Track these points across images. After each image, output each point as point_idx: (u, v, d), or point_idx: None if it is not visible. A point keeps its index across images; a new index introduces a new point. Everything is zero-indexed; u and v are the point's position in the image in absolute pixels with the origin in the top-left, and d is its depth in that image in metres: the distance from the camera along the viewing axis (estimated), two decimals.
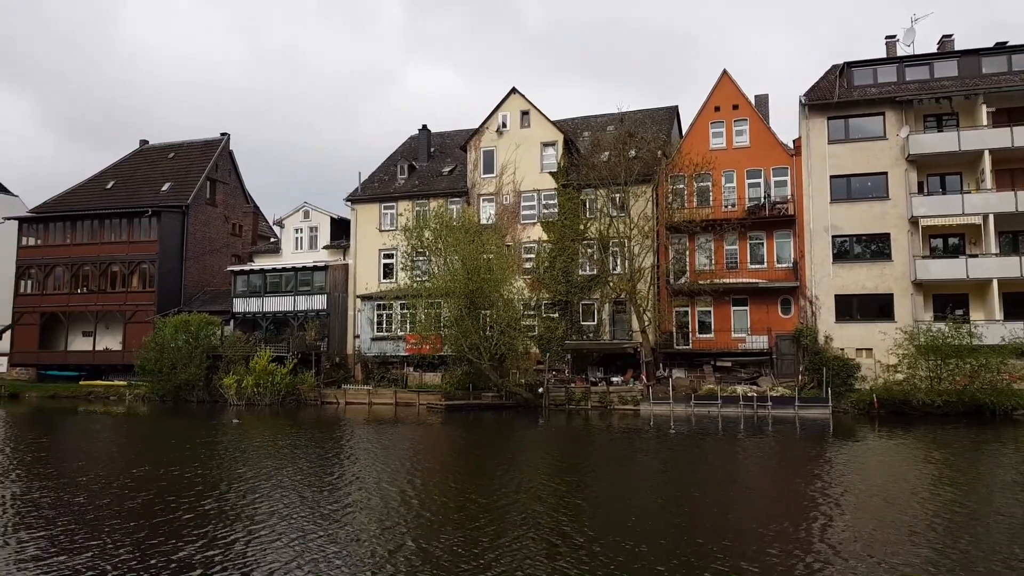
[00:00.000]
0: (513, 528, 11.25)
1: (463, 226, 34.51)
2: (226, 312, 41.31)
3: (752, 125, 35.54)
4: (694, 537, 10.80)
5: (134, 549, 10.02)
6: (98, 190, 47.56)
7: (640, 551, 9.95)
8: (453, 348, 33.51)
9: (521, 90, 39.30)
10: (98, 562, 9.43)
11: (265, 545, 10.26)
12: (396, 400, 35.15)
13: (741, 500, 14.18)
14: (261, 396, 35.72)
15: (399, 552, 9.93)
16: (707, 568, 9.15)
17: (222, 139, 49.31)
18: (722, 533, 11.08)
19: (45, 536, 10.74)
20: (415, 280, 35.47)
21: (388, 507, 12.83)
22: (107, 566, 9.28)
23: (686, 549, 10.07)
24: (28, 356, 45.00)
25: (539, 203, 38.25)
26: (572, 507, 12.88)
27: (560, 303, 36.26)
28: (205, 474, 16.26)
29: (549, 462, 19.09)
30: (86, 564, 9.36)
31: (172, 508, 12.61)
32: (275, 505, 12.84)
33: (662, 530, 11.23)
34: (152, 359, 37.64)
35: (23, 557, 9.72)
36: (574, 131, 40.98)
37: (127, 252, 44.08)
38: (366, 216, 41.57)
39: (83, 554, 9.79)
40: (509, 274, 34.09)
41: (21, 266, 45.98)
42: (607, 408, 32.10)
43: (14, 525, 11.40)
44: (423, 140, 44.05)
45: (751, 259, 34.84)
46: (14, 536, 10.80)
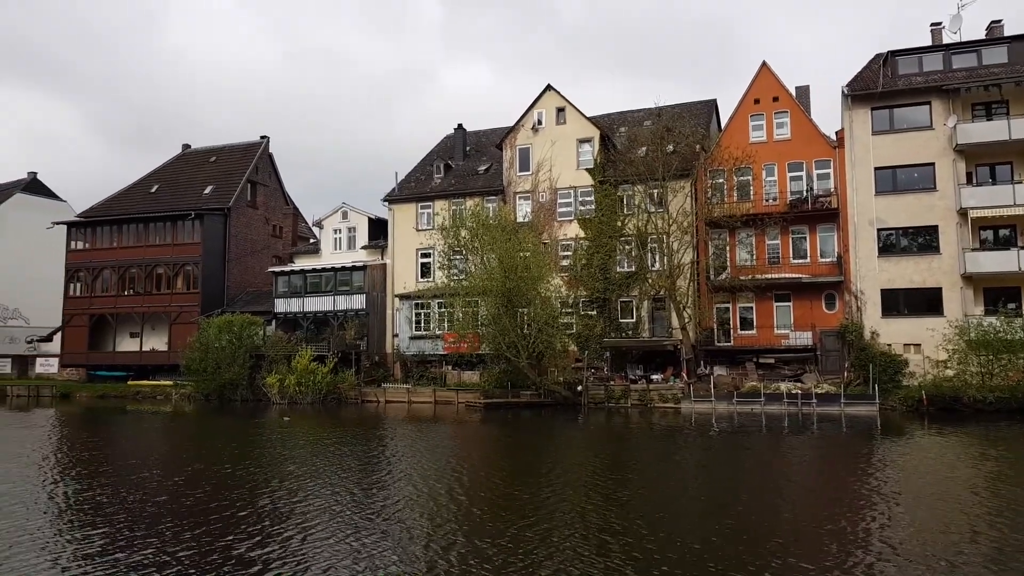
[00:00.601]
0: (562, 526, 11.21)
1: (499, 224, 34.51)
2: (268, 312, 41.91)
3: (793, 117, 34.97)
4: (746, 536, 10.63)
5: (193, 546, 10.19)
6: (143, 194, 48.62)
7: (692, 548, 9.86)
8: (491, 346, 33.55)
9: (556, 87, 39.23)
10: (160, 558, 9.61)
11: (320, 542, 10.37)
12: (435, 398, 35.33)
13: (791, 498, 13.95)
14: (303, 395, 36.20)
15: (451, 549, 9.95)
16: (766, 568, 9.00)
17: (262, 142, 50.05)
18: (775, 532, 10.92)
19: (107, 533, 10.97)
20: (452, 279, 35.58)
21: (437, 504, 12.88)
22: (169, 562, 9.45)
23: (739, 548, 9.91)
24: (78, 357, 46.18)
25: (576, 200, 38.12)
26: (618, 505, 12.79)
27: (598, 300, 36.08)
28: (257, 472, 16.51)
29: (591, 460, 19.00)
30: (148, 560, 9.54)
31: (227, 505, 12.82)
32: (327, 502, 12.99)
33: (712, 529, 11.08)
34: (197, 359, 38.36)
35: (88, 552, 9.93)
36: (610, 127, 40.75)
37: (172, 254, 45.00)
38: (403, 216, 41.84)
39: (144, 550, 9.98)
40: (546, 272, 34.01)
41: (70, 269, 47.20)
42: (647, 406, 31.86)
43: (77, 522, 11.66)
44: (459, 139, 44.19)
45: (794, 254, 34.28)
46: (78, 532, 11.04)
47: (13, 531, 11.00)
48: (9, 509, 12.55)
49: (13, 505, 12.92)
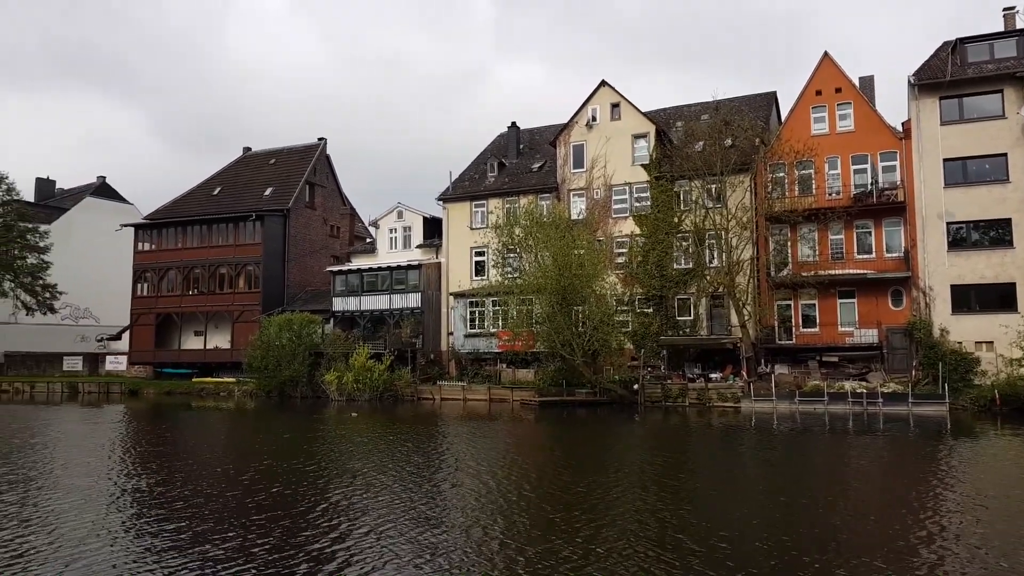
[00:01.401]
0: (633, 525, 11.10)
1: (553, 222, 34.38)
2: (326, 311, 42.64)
3: (856, 108, 33.93)
4: (811, 540, 10.33)
5: (270, 540, 10.36)
6: (206, 196, 50.01)
7: (765, 551, 9.63)
8: (545, 344, 33.44)
9: (611, 82, 38.86)
10: (239, 553, 9.81)
11: (396, 537, 10.46)
12: (490, 396, 35.43)
13: (858, 500, 13.53)
14: (360, 392, 36.69)
15: (527, 547, 9.92)
16: (836, 571, 8.70)
17: (319, 144, 50.97)
18: (843, 536, 10.57)
19: (186, 527, 11.24)
20: (506, 277, 35.60)
21: (506, 501, 12.90)
22: (247, 556, 9.65)
23: (803, 554, 9.60)
24: (145, 355, 47.77)
25: (631, 196, 37.72)
26: (677, 506, 12.61)
27: (654, 298, 35.65)
28: (326, 467, 16.78)
29: (652, 459, 18.79)
30: (225, 555, 9.76)
31: (301, 500, 13.02)
32: (397, 497, 13.14)
33: (774, 531, 10.82)
34: (258, 357, 39.25)
35: (168, 547, 10.20)
36: (666, 122, 40.22)
37: (234, 255, 46.18)
38: (457, 215, 42.07)
39: (222, 545, 10.22)
40: (601, 269, 33.76)
41: (137, 270, 48.85)
42: (706, 405, 31.34)
43: (156, 517, 11.96)
44: (512, 137, 44.21)
45: (858, 249, 33.28)
46: (158, 527, 11.33)
47: (95, 524, 11.37)
48: (91, 502, 13.01)
49: (95, 499, 13.40)
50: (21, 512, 12.06)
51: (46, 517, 11.69)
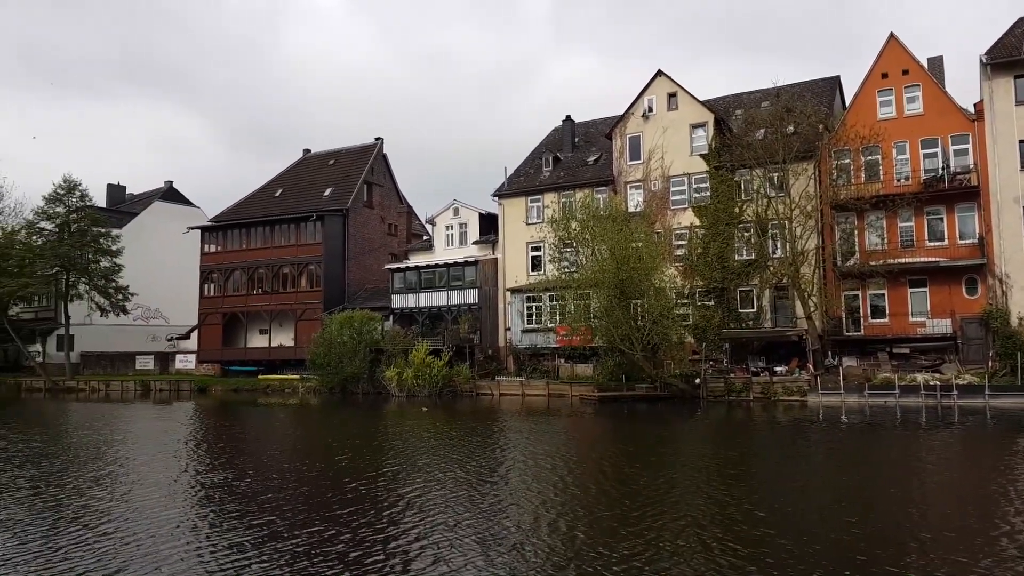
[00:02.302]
0: (688, 521, 10.87)
1: (610, 215, 34.05)
2: (385, 308, 43.17)
3: (925, 90, 32.61)
4: (883, 537, 9.91)
5: (348, 534, 10.45)
6: (268, 198, 51.22)
7: (836, 549, 9.29)
8: (604, 339, 33.14)
9: (667, 72, 38.27)
10: (321, 547, 9.91)
11: (464, 532, 10.46)
12: (548, 391, 35.33)
13: (933, 495, 13.00)
14: (420, 388, 37.02)
15: (596, 544, 9.84)
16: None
17: (376, 143, 51.66)
18: (919, 532, 10.12)
19: (268, 522, 11.36)
20: (563, 272, 35.41)
21: (568, 497, 12.82)
22: (328, 550, 9.76)
23: (876, 551, 9.21)
24: (213, 353, 49.21)
25: (690, 187, 37.10)
26: (744, 502, 12.26)
27: (715, 290, 35.01)
28: (397, 462, 16.87)
29: (713, 454, 18.42)
30: (308, 549, 9.88)
31: (375, 495, 13.12)
32: (468, 492, 13.18)
33: (845, 527, 10.41)
34: (321, 354, 39.97)
35: (251, 540, 10.36)
36: (725, 110, 39.40)
37: (296, 255, 47.18)
38: (513, 210, 42.05)
39: (308, 539, 10.34)
40: (660, 262, 33.26)
41: (204, 271, 50.38)
42: (770, 399, 30.59)
43: (239, 512, 12.13)
44: (567, 131, 43.96)
45: (929, 236, 32.02)
46: (238, 522, 11.51)
47: (182, 518, 11.71)
48: (175, 498, 13.42)
49: (179, 494, 13.83)
50: (112, 507, 12.39)
51: (136, 511, 11.99)
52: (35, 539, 10.28)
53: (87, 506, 12.46)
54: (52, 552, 9.61)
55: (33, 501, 12.97)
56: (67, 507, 12.36)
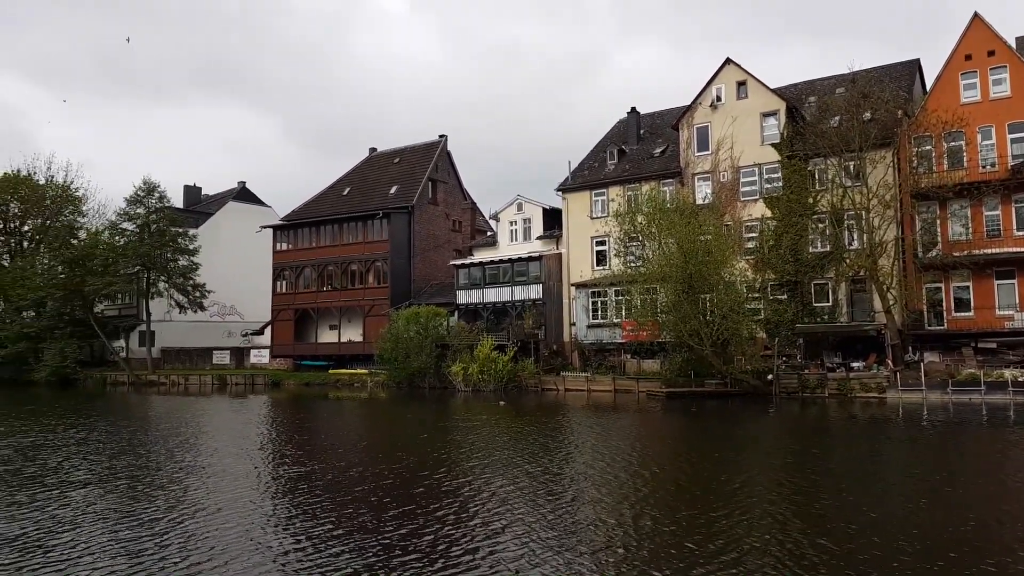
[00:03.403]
0: (762, 520, 10.55)
1: (677, 208, 33.40)
2: (450, 304, 43.51)
3: (1013, 72, 30.90)
4: (964, 540, 9.38)
5: (434, 528, 10.54)
6: (336, 196, 52.26)
7: (904, 548, 8.84)
8: (672, 334, 32.55)
9: (736, 60, 37.37)
10: (407, 539, 10.05)
11: (539, 528, 10.42)
12: (615, 387, 34.98)
13: (1020, 497, 12.19)
14: (485, 383, 37.18)
15: (662, 541, 9.70)
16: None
17: (440, 141, 52.07)
18: (1005, 536, 9.50)
19: (355, 514, 11.56)
20: (629, 266, 34.93)
21: (640, 494, 12.65)
22: (416, 543, 9.89)
23: (953, 554, 8.70)
24: (286, 348, 50.54)
25: (760, 178, 36.10)
26: (819, 502, 11.89)
27: (788, 284, 34.03)
28: (478, 458, 16.89)
29: (785, 453, 17.88)
30: (395, 540, 10.03)
31: (457, 489, 13.19)
32: (549, 489, 13.09)
33: (926, 530, 9.94)
34: (388, 349, 40.58)
35: (340, 532, 10.54)
36: (797, 97, 38.17)
37: (363, 252, 48.02)
38: (577, 204, 41.75)
39: (391, 530, 10.50)
40: (730, 255, 32.45)
41: (276, 268, 51.77)
42: (847, 396, 29.54)
43: (325, 504, 12.31)
44: (632, 123, 43.37)
45: (1017, 225, 30.40)
46: (328, 514, 11.71)
47: (265, 511, 12.03)
48: (261, 489, 13.82)
49: (265, 486, 14.26)
50: (205, 498, 12.73)
51: (230, 503, 12.30)
52: (138, 528, 10.64)
53: (184, 498, 12.80)
54: (156, 541, 9.94)
55: (133, 492, 13.42)
56: (164, 498, 12.76)
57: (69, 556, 9.25)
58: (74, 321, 53.18)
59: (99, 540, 9.96)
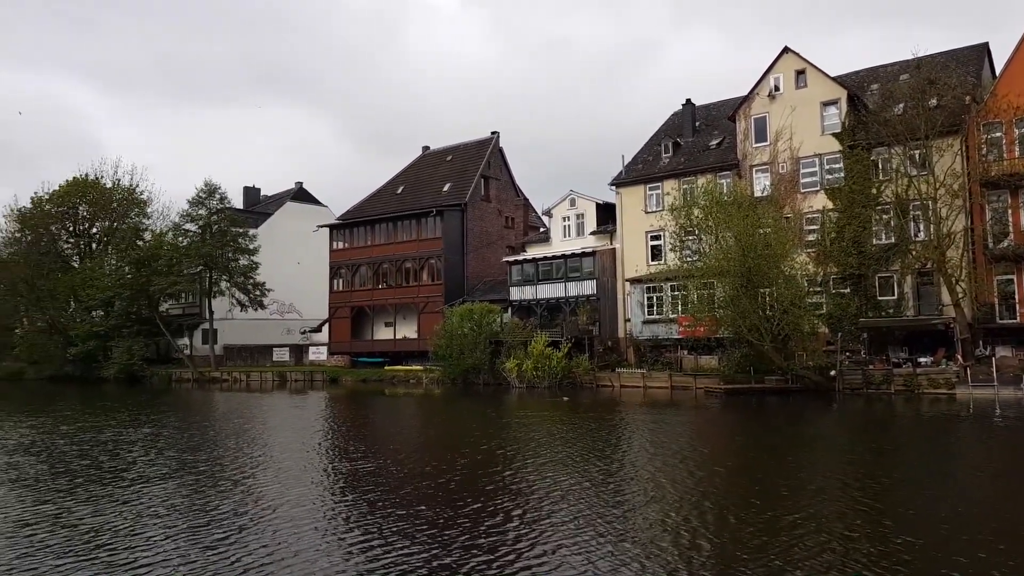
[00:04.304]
0: (826, 522, 10.27)
1: (735, 201, 32.74)
2: (504, 300, 43.59)
3: None
4: None
5: (498, 523, 10.61)
6: (390, 195, 52.89)
7: (979, 555, 8.42)
8: (730, 330, 31.95)
9: (794, 48, 36.43)
10: (480, 540, 10.10)
11: (602, 528, 10.35)
12: (671, 384, 34.52)
13: None
14: (540, 379, 37.14)
15: (724, 542, 9.54)
16: None
17: (492, 137, 52.20)
18: None
19: (419, 512, 11.62)
20: (685, 261, 34.44)
21: (703, 492, 12.48)
22: (480, 542, 9.95)
23: None
24: (343, 345, 51.41)
25: (821, 169, 35.17)
26: (886, 502, 11.49)
27: (851, 277, 33.11)
28: (539, 454, 16.84)
29: (853, 451, 17.36)
30: (462, 541, 10.11)
31: (519, 486, 13.21)
32: (611, 486, 13.04)
33: (999, 536, 9.44)
34: (443, 346, 40.86)
35: (407, 530, 10.66)
36: (859, 85, 37.06)
37: (417, 250, 48.51)
38: (631, 199, 41.35)
39: (455, 532, 10.55)
40: (790, 248, 31.72)
41: (333, 267, 52.70)
42: (914, 392, 28.57)
43: (393, 500, 12.44)
44: (687, 115, 42.74)
45: None
46: (396, 510, 11.88)
47: (336, 507, 12.24)
48: (327, 484, 14.08)
49: (332, 481, 14.52)
50: (276, 493, 12.92)
51: (302, 499, 12.52)
52: (210, 523, 10.92)
53: (254, 493, 13.10)
54: (228, 535, 10.19)
55: (205, 487, 13.79)
56: (235, 493, 13.09)
57: (145, 549, 9.55)
58: (140, 320, 55.09)
59: (174, 533, 10.25)
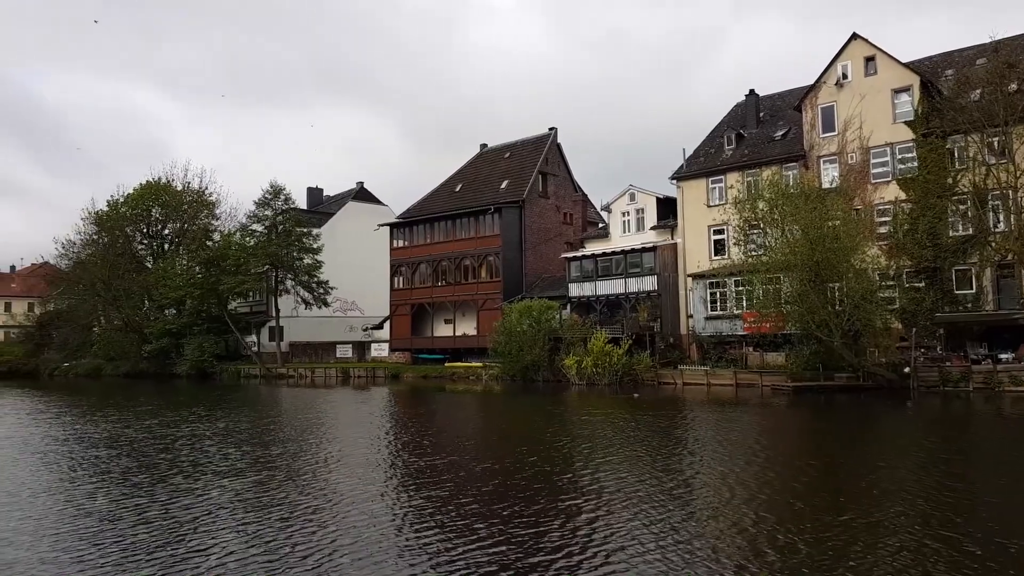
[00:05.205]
0: (903, 528, 9.88)
1: (802, 192, 31.86)
2: (562, 297, 43.41)
3: None
4: None
5: (563, 522, 10.56)
6: (448, 193, 53.26)
7: None
8: (797, 325, 31.13)
9: (863, 34, 35.27)
10: (547, 540, 10.05)
11: (672, 531, 10.22)
12: (736, 381, 33.83)
13: None
14: (600, 376, 36.83)
15: (795, 547, 9.23)
16: None
17: (550, 134, 52.03)
18: None
19: (488, 510, 11.65)
20: (750, 255, 33.64)
21: (781, 495, 12.23)
22: (545, 544, 9.92)
23: None
24: (403, 342, 52.06)
25: (893, 158, 33.95)
26: (968, 506, 10.97)
27: (926, 270, 31.91)
28: (606, 453, 16.72)
29: (927, 453, 16.58)
30: (529, 541, 10.11)
31: (588, 484, 13.12)
32: (682, 487, 12.84)
33: None
34: (502, 342, 40.91)
35: (477, 528, 10.72)
36: (932, 71, 35.62)
37: (475, 247, 48.74)
38: (693, 193, 40.67)
39: (521, 531, 10.54)
40: (860, 241, 30.71)
41: (393, 265, 53.41)
42: (995, 390, 27.39)
43: (464, 497, 12.48)
44: (751, 105, 41.79)
45: None
46: (469, 507, 11.96)
47: (393, 503, 12.39)
48: (396, 480, 14.29)
49: (400, 477, 14.74)
50: (350, 490, 13.10)
51: (374, 496, 12.69)
52: (282, 516, 11.17)
53: (327, 488, 13.35)
54: (315, 529, 10.39)
55: (278, 480, 14.09)
56: (306, 486, 13.36)
57: (219, 540, 9.83)
58: (210, 318, 56.92)
59: (255, 528, 10.50)
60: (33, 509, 11.83)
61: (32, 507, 11.97)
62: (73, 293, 65.55)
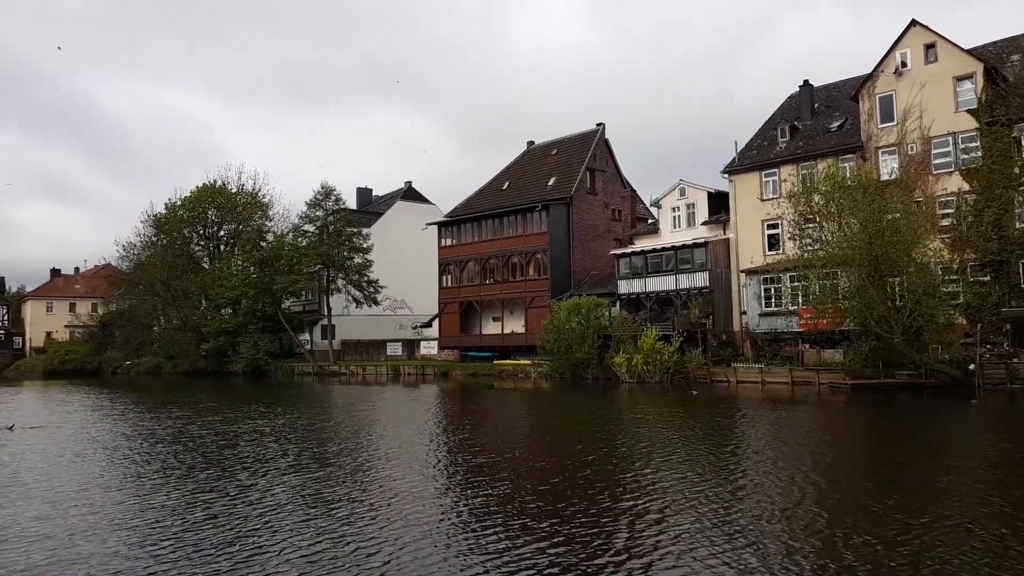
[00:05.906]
0: (968, 533, 9.46)
1: (860, 185, 30.99)
2: (611, 294, 43.12)
3: None
4: None
5: (617, 522, 10.52)
6: (495, 191, 53.37)
7: None
8: (856, 322, 30.31)
9: (922, 20, 34.19)
10: (607, 542, 10.05)
11: (732, 532, 10.08)
12: (792, 379, 33.16)
13: None
14: (651, 374, 36.48)
15: (849, 552, 8.93)
16: None
17: (597, 130, 51.71)
18: None
19: (554, 506, 11.69)
20: (805, 250, 32.85)
21: (843, 496, 11.98)
22: (596, 546, 9.87)
23: None
24: (452, 340, 52.37)
25: (955, 148, 32.82)
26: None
27: (992, 264, 30.79)
28: (663, 452, 16.59)
29: (1001, 453, 15.94)
30: (587, 543, 10.06)
31: (644, 484, 13.02)
32: (751, 488, 12.59)
33: None
34: (551, 340, 40.80)
35: (534, 524, 10.73)
36: (998, 56, 34.31)
37: (523, 245, 48.75)
38: (745, 187, 39.96)
39: (579, 532, 10.52)
40: (921, 234, 29.75)
41: (441, 263, 53.78)
42: None
43: (521, 496, 12.53)
44: (805, 96, 40.85)
45: None
46: (524, 509, 11.98)
47: (449, 501, 12.51)
48: (452, 478, 14.37)
49: (455, 474, 14.82)
50: (405, 488, 13.17)
51: (429, 493, 12.83)
52: (355, 515, 11.27)
53: (384, 484, 13.51)
54: (373, 527, 10.52)
55: (335, 477, 14.30)
56: (374, 485, 13.48)
57: (285, 536, 9.97)
58: (265, 317, 58.22)
59: (312, 522, 10.66)
60: (104, 503, 12.22)
61: (103, 501, 12.35)
62: (134, 294, 67.76)
